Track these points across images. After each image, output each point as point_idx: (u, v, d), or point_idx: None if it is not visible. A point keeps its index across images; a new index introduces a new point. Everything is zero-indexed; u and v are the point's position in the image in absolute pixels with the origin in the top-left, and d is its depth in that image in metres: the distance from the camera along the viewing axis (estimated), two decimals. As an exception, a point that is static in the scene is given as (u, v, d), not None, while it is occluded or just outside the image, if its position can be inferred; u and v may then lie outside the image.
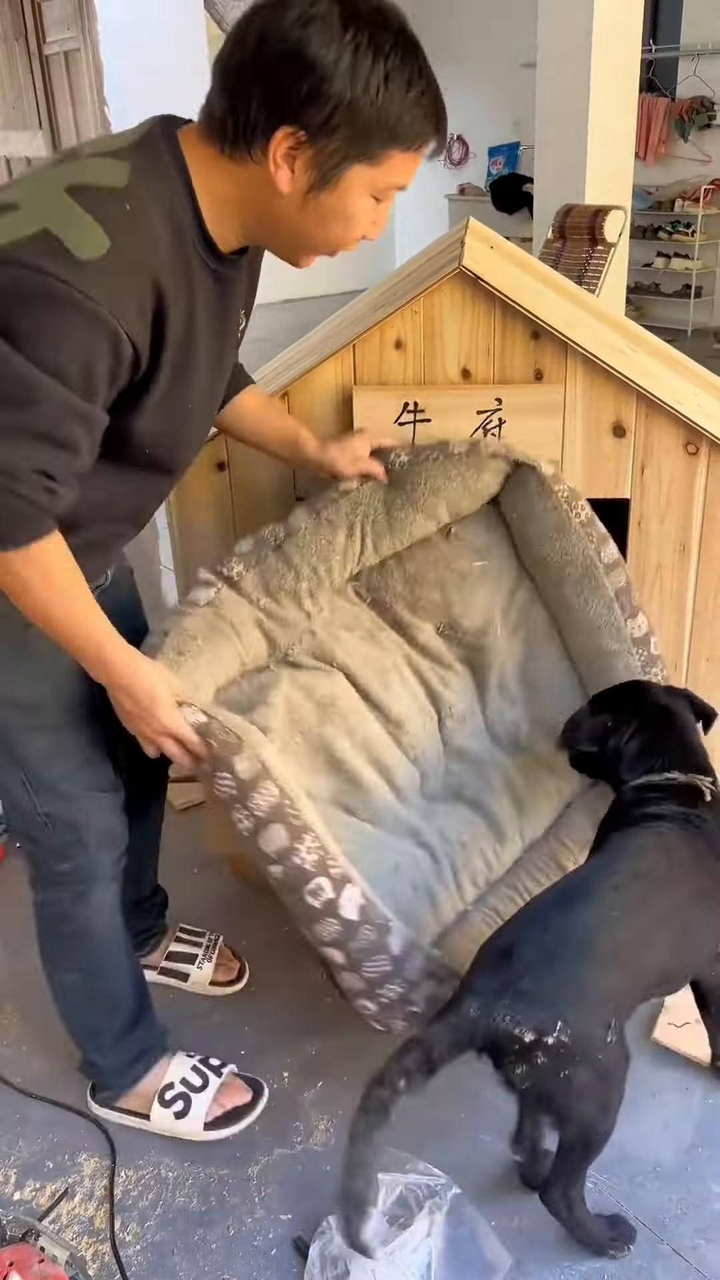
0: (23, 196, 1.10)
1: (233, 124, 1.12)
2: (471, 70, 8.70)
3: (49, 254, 1.05)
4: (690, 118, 7.36)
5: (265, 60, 1.08)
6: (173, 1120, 1.70)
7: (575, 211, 5.11)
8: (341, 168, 1.14)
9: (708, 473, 1.81)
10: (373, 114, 1.10)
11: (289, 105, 1.09)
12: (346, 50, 1.07)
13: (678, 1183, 1.61)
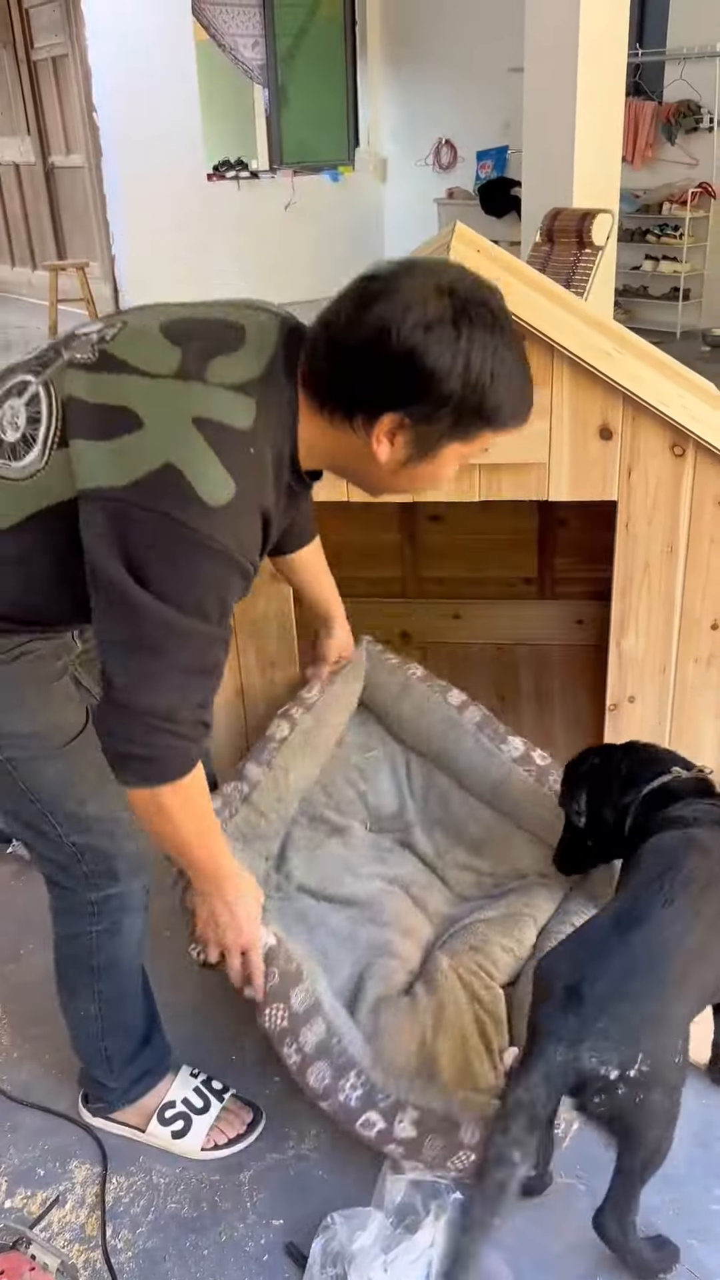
0: (147, 413, 1.15)
1: (341, 398, 1.19)
2: (460, 74, 8.72)
3: (180, 499, 1.12)
4: (677, 121, 7.38)
5: (383, 355, 1.12)
6: (169, 1139, 1.69)
7: (563, 215, 5.14)
8: (439, 446, 1.21)
9: (694, 474, 1.82)
10: (476, 407, 1.17)
11: (400, 397, 1.15)
12: (460, 356, 1.12)
13: (671, 1184, 1.61)
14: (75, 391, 1.21)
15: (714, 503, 1.83)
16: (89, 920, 1.55)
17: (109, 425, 1.17)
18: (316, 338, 1.20)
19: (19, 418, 1.23)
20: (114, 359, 1.21)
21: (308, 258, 9.25)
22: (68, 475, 1.19)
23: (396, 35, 9.27)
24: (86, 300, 8.13)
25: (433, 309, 1.12)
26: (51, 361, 1.26)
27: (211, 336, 1.23)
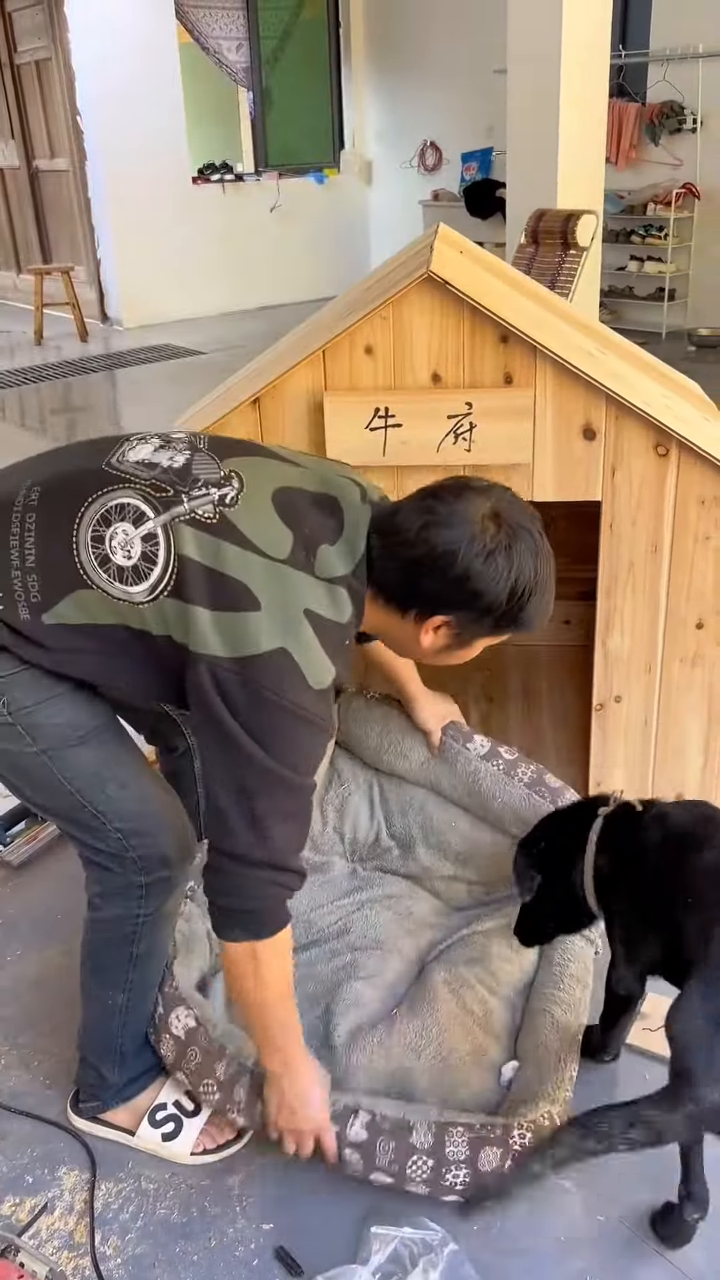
0: (266, 598, 1.31)
1: (401, 599, 1.39)
2: (444, 77, 8.74)
3: (289, 681, 1.30)
4: (660, 122, 7.40)
5: (445, 574, 1.33)
6: (159, 1141, 1.68)
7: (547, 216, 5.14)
8: (474, 640, 1.44)
9: (678, 474, 1.83)
10: (512, 617, 1.38)
11: (452, 605, 1.37)
12: (508, 582, 1.33)
13: (660, 1183, 1.61)
14: (193, 554, 1.32)
15: (698, 502, 1.84)
16: (137, 904, 1.55)
17: (227, 597, 1.31)
18: (387, 549, 1.38)
19: (132, 548, 1.33)
20: (235, 530, 1.34)
21: (294, 260, 9.27)
22: (168, 622, 1.32)
23: (380, 37, 9.29)
24: (72, 304, 8.12)
25: (490, 539, 1.32)
26: (170, 503, 1.35)
27: (317, 523, 1.38)
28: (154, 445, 1.43)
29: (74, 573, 1.34)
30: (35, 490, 1.39)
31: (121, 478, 1.38)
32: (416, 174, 9.40)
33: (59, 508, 1.37)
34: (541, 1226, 1.56)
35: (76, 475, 1.41)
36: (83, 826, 1.51)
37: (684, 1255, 1.51)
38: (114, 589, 1.33)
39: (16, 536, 1.36)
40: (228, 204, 9.05)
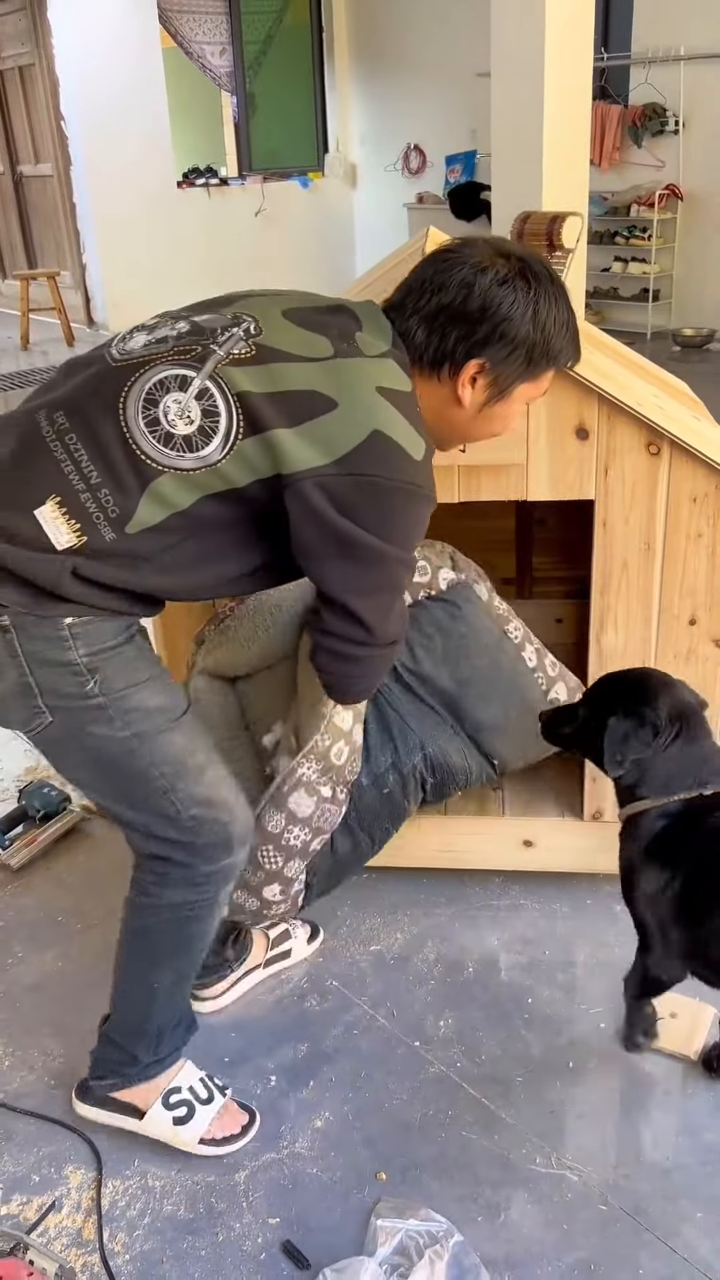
0: (337, 392, 1.31)
1: (431, 352, 1.39)
2: (428, 80, 8.76)
3: (393, 461, 1.32)
4: (643, 124, 7.45)
5: (467, 310, 1.35)
6: (170, 1125, 1.68)
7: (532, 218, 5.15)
8: (512, 387, 1.43)
9: (669, 472, 1.85)
10: (543, 348, 1.40)
11: (482, 344, 1.37)
12: (529, 304, 1.36)
13: (660, 1171, 1.64)
14: (251, 388, 1.31)
15: (690, 500, 1.86)
16: (198, 890, 1.55)
17: (302, 410, 1.30)
18: (405, 307, 1.39)
19: (190, 411, 1.31)
20: (275, 350, 1.33)
21: (279, 264, 9.27)
22: (252, 464, 1.31)
23: (364, 41, 9.31)
24: (58, 309, 8.11)
25: (502, 268, 1.35)
26: (205, 356, 1.33)
27: (337, 322, 1.39)
28: (146, 330, 1.41)
29: (142, 467, 1.31)
30: (58, 414, 1.35)
31: (143, 360, 1.35)
32: (401, 177, 9.43)
33: (95, 415, 1.33)
34: (545, 1216, 1.58)
35: (92, 381, 1.37)
36: (157, 814, 1.48)
37: (687, 1243, 1.53)
38: (185, 461, 1.31)
39: (68, 461, 1.32)
40: (212, 208, 9.06)
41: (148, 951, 1.62)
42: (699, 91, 7.17)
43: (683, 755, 1.57)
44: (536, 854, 2.17)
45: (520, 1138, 1.70)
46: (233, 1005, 1.98)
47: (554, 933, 2.12)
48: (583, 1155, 1.67)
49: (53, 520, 1.31)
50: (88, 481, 1.31)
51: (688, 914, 1.57)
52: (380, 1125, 1.74)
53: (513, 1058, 1.85)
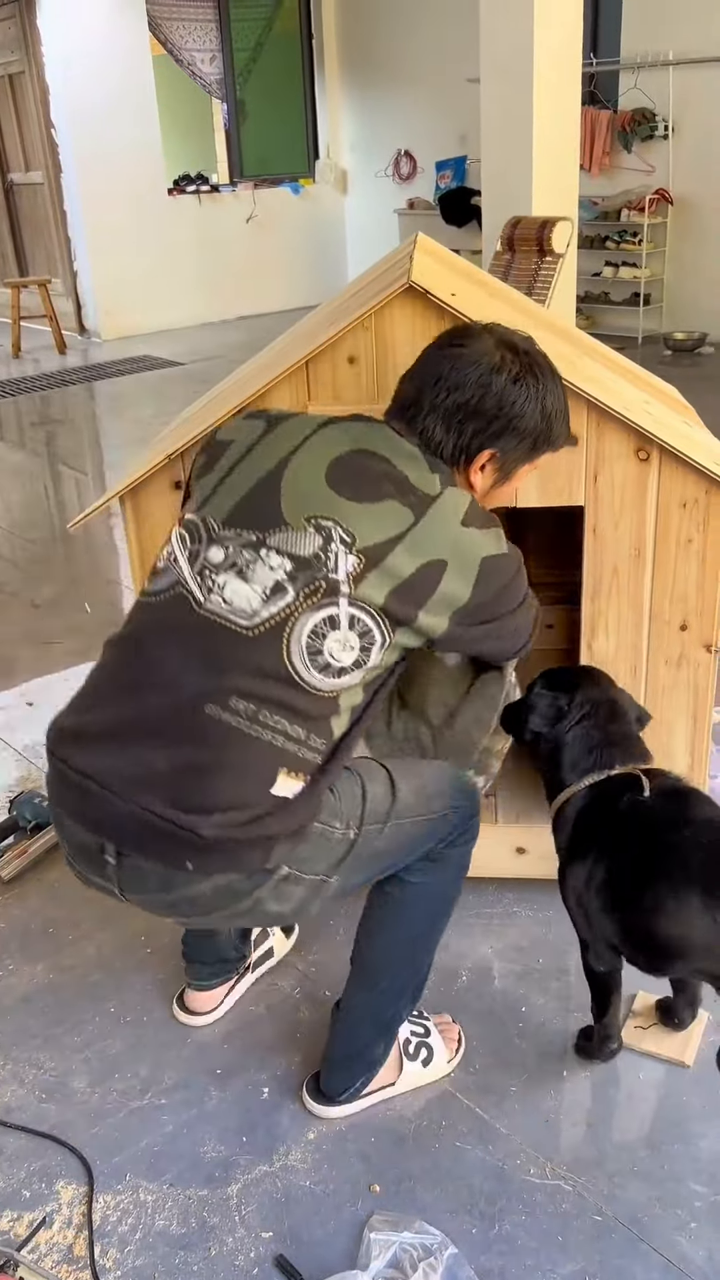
0: (438, 552, 1.42)
1: (450, 448, 1.50)
2: (418, 86, 8.79)
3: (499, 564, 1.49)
4: (632, 129, 7.47)
5: (483, 408, 1.48)
6: (421, 1069, 1.80)
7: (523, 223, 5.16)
8: (516, 469, 1.57)
9: (659, 478, 1.84)
10: (545, 436, 1.54)
11: (495, 436, 1.50)
12: (539, 400, 1.50)
13: (655, 1181, 1.63)
14: (379, 596, 1.41)
15: (679, 506, 1.86)
16: (470, 836, 1.68)
17: (423, 589, 1.42)
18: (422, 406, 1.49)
19: (351, 641, 1.41)
20: (374, 548, 1.40)
21: (271, 270, 9.29)
22: (403, 647, 1.46)
23: (353, 48, 9.33)
24: (49, 317, 8.11)
25: (513, 365, 1.48)
26: (334, 588, 1.39)
27: (379, 470, 1.45)
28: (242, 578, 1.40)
29: (331, 703, 1.42)
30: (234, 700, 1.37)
31: (282, 620, 1.39)
32: (391, 183, 9.45)
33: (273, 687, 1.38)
34: (540, 1228, 1.57)
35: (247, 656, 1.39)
36: (430, 836, 1.60)
37: (683, 1254, 1.52)
38: (357, 676, 1.43)
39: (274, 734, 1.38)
40: (204, 215, 9.07)
41: (431, 939, 1.72)
42: (688, 96, 7.19)
43: (586, 737, 1.67)
44: (529, 861, 2.16)
45: (515, 1148, 1.69)
46: (225, 1018, 1.97)
47: (548, 940, 2.11)
48: (578, 1165, 1.66)
49: (287, 784, 1.40)
50: (298, 740, 1.41)
51: (608, 900, 1.61)
52: (373, 1137, 1.72)
53: (506, 1067, 1.84)
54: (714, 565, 1.89)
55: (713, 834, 1.52)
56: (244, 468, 1.47)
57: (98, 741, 1.41)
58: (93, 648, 1.62)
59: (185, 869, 1.37)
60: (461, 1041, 1.87)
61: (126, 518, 1.98)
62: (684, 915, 1.49)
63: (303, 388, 1.84)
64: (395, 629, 1.43)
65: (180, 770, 1.36)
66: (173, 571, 1.45)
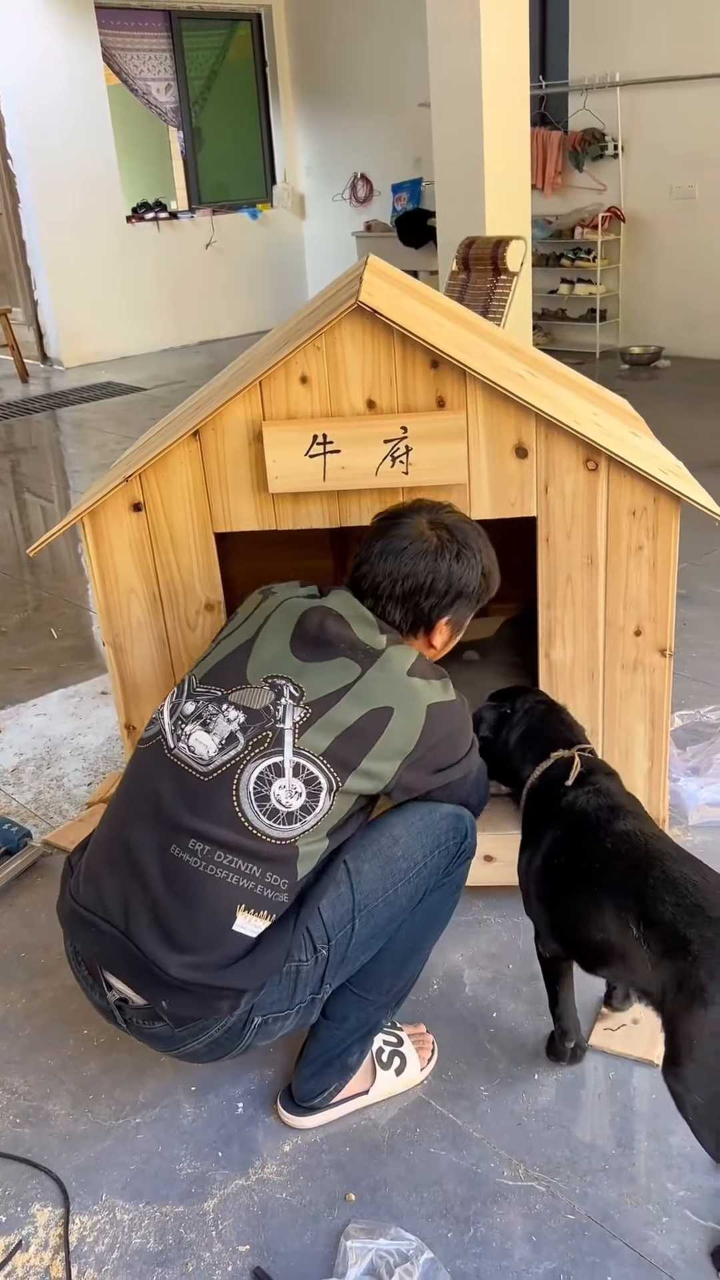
0: (387, 700, 1.53)
1: (410, 623, 1.66)
2: (372, 110, 8.90)
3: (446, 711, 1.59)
4: (583, 149, 7.61)
5: (435, 589, 1.63)
6: (394, 1078, 1.82)
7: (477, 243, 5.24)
8: (465, 622, 1.73)
9: (608, 488, 1.89)
10: (486, 590, 1.71)
11: (449, 607, 1.66)
12: (476, 568, 1.67)
13: (626, 1178, 1.65)
14: (324, 743, 1.51)
15: (629, 514, 1.90)
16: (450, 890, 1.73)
17: (369, 736, 1.52)
18: (380, 597, 1.63)
19: (297, 787, 1.51)
20: (321, 701, 1.52)
21: (231, 294, 9.35)
22: (355, 793, 1.54)
23: (307, 74, 9.44)
24: (11, 346, 8.11)
25: (450, 546, 1.64)
26: (280, 739, 1.51)
27: (334, 633, 1.58)
28: (203, 727, 1.55)
29: (284, 848, 1.50)
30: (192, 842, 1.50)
31: (232, 766, 1.51)
32: (348, 206, 9.54)
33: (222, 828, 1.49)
34: (514, 1229, 1.58)
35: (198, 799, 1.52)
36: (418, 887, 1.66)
37: (654, 1249, 1.54)
38: (309, 823, 1.51)
39: (230, 873, 1.49)
40: (163, 241, 9.12)
41: (433, 920, 1.74)
42: (635, 116, 7.34)
43: (525, 737, 1.81)
44: (498, 869, 2.18)
45: (488, 1152, 1.71)
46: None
47: (517, 946, 2.13)
48: (550, 1166, 1.68)
49: (249, 923, 1.49)
50: (254, 878, 1.50)
51: (547, 893, 1.68)
52: (348, 1147, 1.74)
53: (479, 1072, 1.86)
54: (665, 571, 1.94)
55: (630, 848, 1.56)
56: (235, 635, 1.65)
57: (98, 877, 1.57)
58: (60, 673, 1.64)
59: (162, 1006, 1.50)
60: (434, 1051, 1.89)
61: (86, 540, 2.00)
62: (602, 923, 1.53)
63: (257, 407, 1.87)
64: (343, 776, 1.52)
65: (152, 907, 1.50)
66: (159, 722, 1.62)
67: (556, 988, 1.79)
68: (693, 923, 1.41)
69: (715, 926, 1.40)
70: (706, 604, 3.64)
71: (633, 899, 1.48)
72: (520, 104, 5.60)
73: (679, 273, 7.47)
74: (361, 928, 1.61)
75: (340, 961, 1.61)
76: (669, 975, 1.41)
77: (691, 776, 2.53)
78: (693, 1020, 1.38)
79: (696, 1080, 1.40)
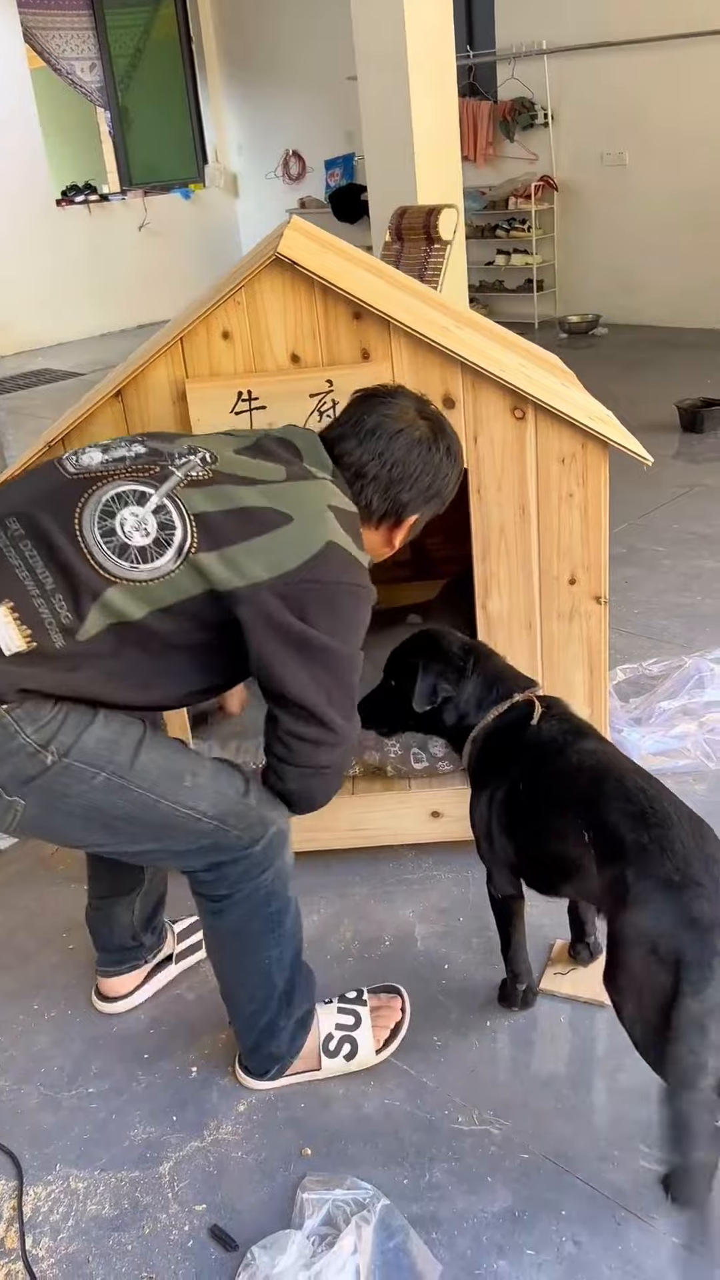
0: (293, 513, 1.42)
1: (381, 512, 1.58)
2: (300, 86, 8.82)
3: (347, 567, 1.43)
4: (513, 119, 7.60)
5: (420, 483, 1.57)
6: (344, 1063, 1.75)
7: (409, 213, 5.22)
8: (418, 529, 1.66)
9: (536, 436, 1.89)
10: (450, 495, 1.65)
11: (424, 503, 1.60)
12: (457, 474, 1.63)
13: (578, 1115, 1.67)
14: (207, 507, 1.40)
15: (558, 461, 1.90)
16: (261, 870, 1.58)
17: (257, 525, 1.40)
18: (362, 474, 1.54)
19: (147, 524, 1.38)
20: (229, 475, 1.44)
21: (166, 277, 9.24)
22: (205, 575, 1.37)
23: (234, 51, 9.33)
24: (-57, 334, 7.96)
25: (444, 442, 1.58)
26: (164, 476, 1.42)
27: (285, 452, 1.52)
28: (102, 448, 1.48)
29: (95, 576, 1.36)
30: (12, 521, 1.40)
31: (101, 475, 1.42)
32: (282, 183, 9.47)
33: (50, 524, 1.38)
34: (469, 1171, 1.59)
35: (49, 492, 1.43)
36: (181, 832, 1.50)
37: (607, 1181, 1.56)
38: (139, 573, 1.36)
39: (23, 567, 1.36)
40: (95, 225, 8.99)
41: (248, 943, 1.64)
42: (564, 84, 7.34)
43: (484, 677, 1.76)
44: (444, 824, 2.19)
45: (443, 1099, 1.72)
46: (150, 1003, 1.96)
47: (468, 899, 2.14)
48: (504, 1109, 1.69)
49: (4, 624, 1.34)
50: (42, 588, 1.36)
51: (511, 822, 1.66)
52: (304, 1103, 1.74)
53: (432, 1023, 1.86)
54: (596, 518, 1.94)
55: (590, 761, 1.58)
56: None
57: None
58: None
59: None
60: (400, 1026, 1.82)
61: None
62: (561, 835, 1.55)
63: (179, 365, 1.85)
64: (204, 545, 1.37)
65: None
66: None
67: (509, 929, 1.80)
68: (633, 828, 1.42)
69: (652, 832, 1.41)
70: (647, 562, 3.67)
71: (586, 808, 1.50)
72: (447, 73, 5.57)
73: (613, 240, 7.50)
74: (102, 794, 1.42)
75: (51, 794, 1.41)
76: (606, 879, 1.43)
77: (635, 726, 2.56)
78: (621, 922, 1.39)
79: (626, 983, 1.40)
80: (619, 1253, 1.46)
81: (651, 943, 1.35)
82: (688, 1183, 1.36)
